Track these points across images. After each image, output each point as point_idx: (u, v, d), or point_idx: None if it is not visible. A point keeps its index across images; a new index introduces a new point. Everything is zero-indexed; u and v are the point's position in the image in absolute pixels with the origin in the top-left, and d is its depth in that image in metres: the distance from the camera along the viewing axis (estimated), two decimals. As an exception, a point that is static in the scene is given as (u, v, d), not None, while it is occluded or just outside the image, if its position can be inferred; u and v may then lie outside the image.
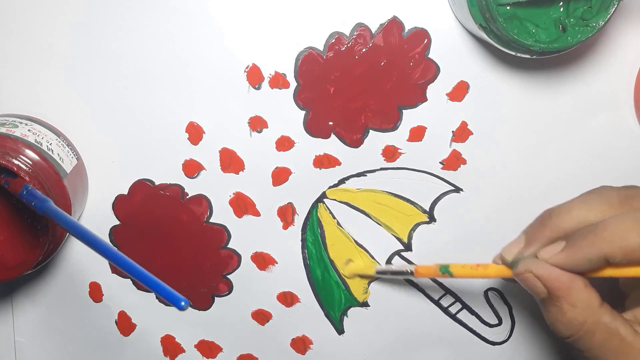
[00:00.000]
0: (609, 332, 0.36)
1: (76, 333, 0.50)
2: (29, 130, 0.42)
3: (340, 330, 0.50)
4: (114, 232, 0.48)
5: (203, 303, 0.49)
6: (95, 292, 0.49)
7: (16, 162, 0.39)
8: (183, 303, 0.30)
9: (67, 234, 0.43)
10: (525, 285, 0.38)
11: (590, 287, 0.36)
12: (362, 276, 0.48)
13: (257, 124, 0.46)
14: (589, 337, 0.36)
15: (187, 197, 0.47)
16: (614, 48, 0.45)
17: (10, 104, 0.46)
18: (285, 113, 0.46)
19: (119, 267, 0.33)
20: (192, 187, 0.47)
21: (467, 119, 0.46)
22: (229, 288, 0.49)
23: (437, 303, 0.49)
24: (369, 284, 0.49)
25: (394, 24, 0.45)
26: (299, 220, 0.48)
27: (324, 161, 0.47)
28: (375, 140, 0.47)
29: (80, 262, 0.49)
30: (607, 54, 0.45)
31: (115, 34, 0.45)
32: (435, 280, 0.49)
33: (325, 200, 0.48)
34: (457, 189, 0.47)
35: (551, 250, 0.37)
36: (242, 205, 0.48)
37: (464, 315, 0.50)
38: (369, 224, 0.48)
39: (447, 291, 0.49)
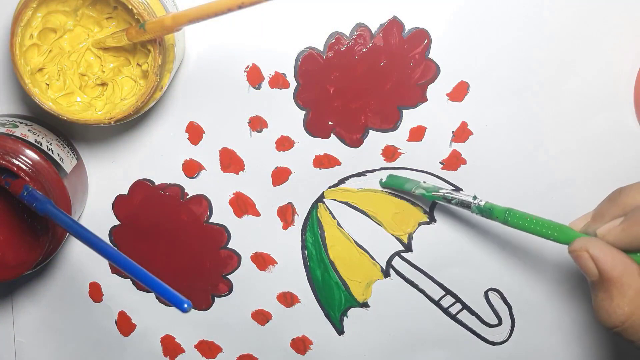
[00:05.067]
0: None
1: (76, 333, 0.50)
2: (29, 130, 0.42)
3: (340, 331, 0.50)
4: (114, 232, 0.48)
5: (203, 303, 0.49)
6: (95, 292, 0.49)
7: (16, 162, 0.39)
8: (186, 305, 0.30)
9: (67, 234, 0.43)
10: (578, 263, 0.36)
11: None
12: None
13: (257, 124, 0.46)
14: (635, 330, 0.34)
15: (187, 197, 0.47)
16: (614, 48, 0.45)
17: (10, 104, 0.46)
18: (285, 113, 0.46)
19: (120, 269, 0.33)
20: (192, 187, 0.47)
21: (467, 119, 0.46)
22: (229, 288, 0.49)
23: (437, 304, 0.49)
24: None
25: (394, 24, 0.45)
26: (299, 220, 0.48)
27: (324, 161, 0.47)
28: (375, 140, 0.47)
29: (80, 262, 0.49)
30: (607, 54, 0.45)
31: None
32: (435, 281, 0.49)
33: (325, 200, 0.48)
34: (457, 189, 0.47)
35: (609, 226, 0.35)
36: (242, 205, 0.48)
37: (464, 316, 0.50)
38: (369, 224, 0.48)
39: (448, 292, 0.49)
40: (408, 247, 0.49)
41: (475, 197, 0.42)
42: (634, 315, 0.34)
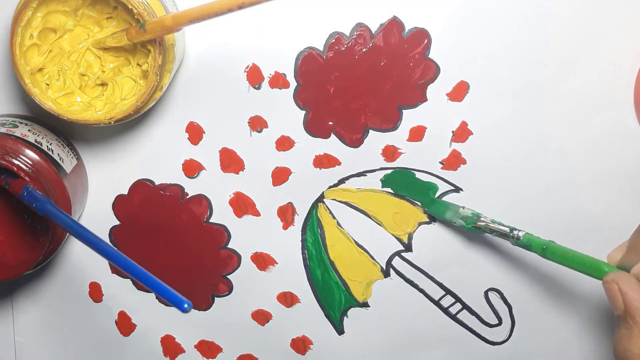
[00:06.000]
0: None
1: (76, 333, 0.50)
2: (29, 130, 0.42)
3: (340, 331, 0.50)
4: (114, 232, 0.48)
5: (203, 303, 0.49)
6: (95, 292, 0.49)
7: (16, 162, 0.39)
8: (186, 305, 0.30)
9: (67, 234, 0.43)
10: (607, 294, 0.36)
11: None
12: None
13: (257, 123, 0.46)
14: None
15: (187, 197, 0.47)
16: (614, 48, 0.45)
17: (10, 104, 0.46)
18: (285, 113, 0.46)
19: (120, 269, 0.33)
20: (192, 187, 0.47)
21: (467, 119, 0.46)
22: (229, 288, 0.49)
23: (437, 303, 0.49)
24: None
25: (394, 24, 0.44)
26: (299, 220, 0.48)
27: (324, 161, 0.47)
28: (375, 140, 0.47)
29: (80, 262, 0.49)
30: (607, 54, 0.45)
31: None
32: (435, 281, 0.49)
33: (325, 200, 0.48)
34: (457, 189, 0.47)
35: None
36: (242, 205, 0.48)
37: (464, 316, 0.50)
38: (369, 224, 0.48)
39: (448, 292, 0.49)
40: (408, 247, 0.49)
41: (512, 230, 0.43)
42: None
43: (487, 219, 0.45)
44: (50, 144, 0.42)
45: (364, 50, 0.45)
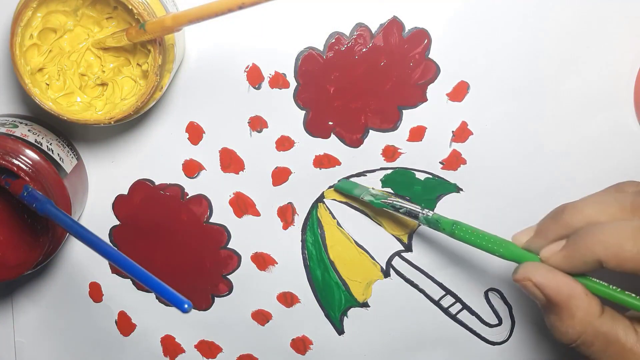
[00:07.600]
0: (608, 341, 0.36)
1: (76, 333, 0.50)
2: (29, 130, 0.42)
3: (340, 331, 0.50)
4: (114, 232, 0.48)
5: (203, 303, 0.49)
6: (95, 292, 0.49)
7: (16, 162, 0.39)
8: (186, 306, 0.30)
9: (67, 234, 0.43)
10: (524, 291, 0.38)
11: (591, 296, 0.36)
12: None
13: (257, 123, 0.46)
14: (588, 346, 0.36)
15: (187, 197, 0.47)
16: (614, 48, 0.45)
17: (10, 104, 0.46)
18: (285, 113, 0.46)
19: (120, 269, 0.33)
20: (192, 187, 0.47)
21: (467, 119, 0.46)
22: (229, 288, 0.49)
23: (437, 304, 0.49)
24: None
25: (394, 24, 0.45)
26: (299, 220, 0.48)
27: (324, 161, 0.47)
28: (375, 140, 0.47)
29: (80, 262, 0.49)
30: (607, 54, 0.45)
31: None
32: (435, 281, 0.49)
33: (325, 200, 0.48)
34: (457, 189, 0.47)
35: (552, 249, 0.37)
36: (242, 205, 0.48)
37: (464, 316, 0.50)
38: (369, 224, 0.48)
39: (448, 292, 0.49)
40: (408, 247, 0.49)
41: (423, 207, 0.43)
42: (585, 333, 0.36)
43: (397, 197, 0.45)
44: (50, 144, 0.42)
45: (364, 50, 0.45)
